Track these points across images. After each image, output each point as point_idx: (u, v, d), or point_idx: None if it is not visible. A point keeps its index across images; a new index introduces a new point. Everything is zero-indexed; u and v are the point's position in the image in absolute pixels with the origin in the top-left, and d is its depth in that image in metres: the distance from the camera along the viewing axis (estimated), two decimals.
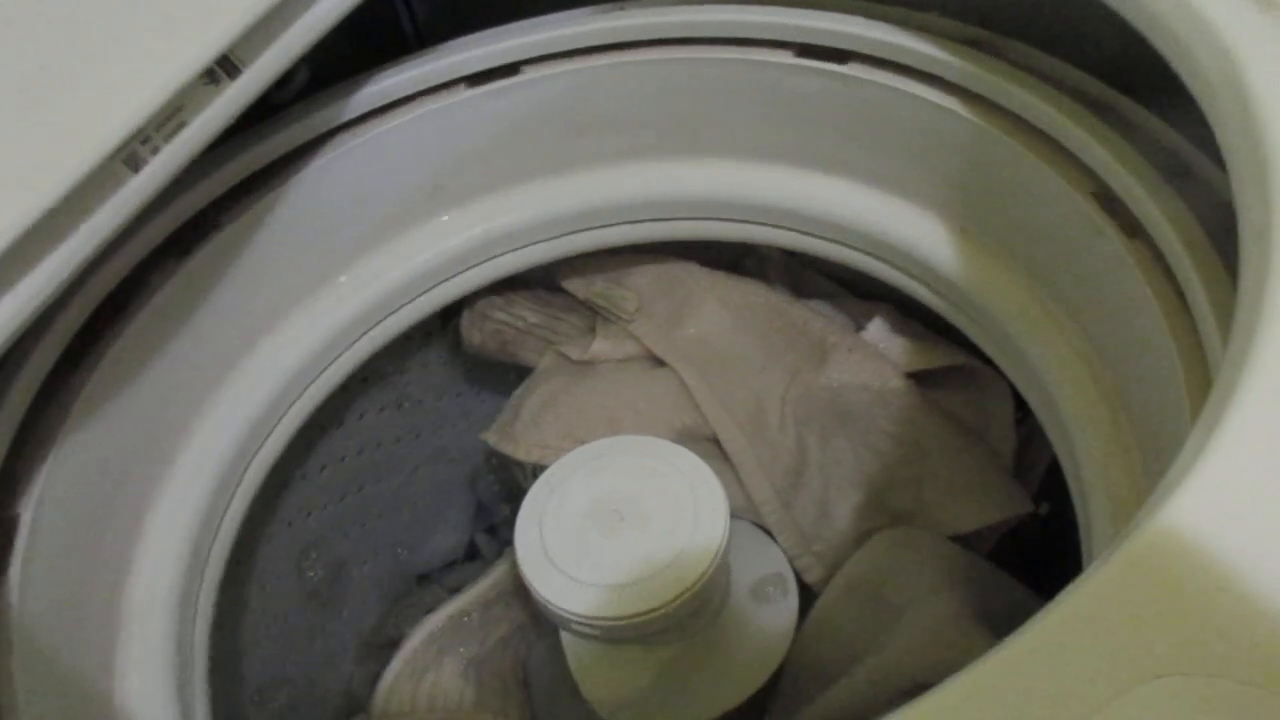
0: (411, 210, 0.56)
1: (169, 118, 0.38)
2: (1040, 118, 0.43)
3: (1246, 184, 0.30)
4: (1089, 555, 0.44)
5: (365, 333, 0.55)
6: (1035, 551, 0.59)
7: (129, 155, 0.36)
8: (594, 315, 0.66)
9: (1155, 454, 0.42)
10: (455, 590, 0.64)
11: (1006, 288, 0.49)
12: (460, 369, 0.73)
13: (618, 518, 0.49)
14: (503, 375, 0.73)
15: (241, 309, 0.50)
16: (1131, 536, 0.24)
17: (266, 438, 0.52)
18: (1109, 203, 0.41)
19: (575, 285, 0.66)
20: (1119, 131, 0.42)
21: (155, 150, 0.37)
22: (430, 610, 0.61)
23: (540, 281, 0.68)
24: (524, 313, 0.66)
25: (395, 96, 0.52)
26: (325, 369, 0.54)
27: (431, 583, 0.75)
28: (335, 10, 0.43)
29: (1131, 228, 0.40)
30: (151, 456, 0.48)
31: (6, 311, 0.32)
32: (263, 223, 0.50)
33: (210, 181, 0.47)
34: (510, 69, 0.53)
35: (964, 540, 0.55)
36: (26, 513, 0.40)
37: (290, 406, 0.53)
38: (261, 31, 0.40)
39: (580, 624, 0.47)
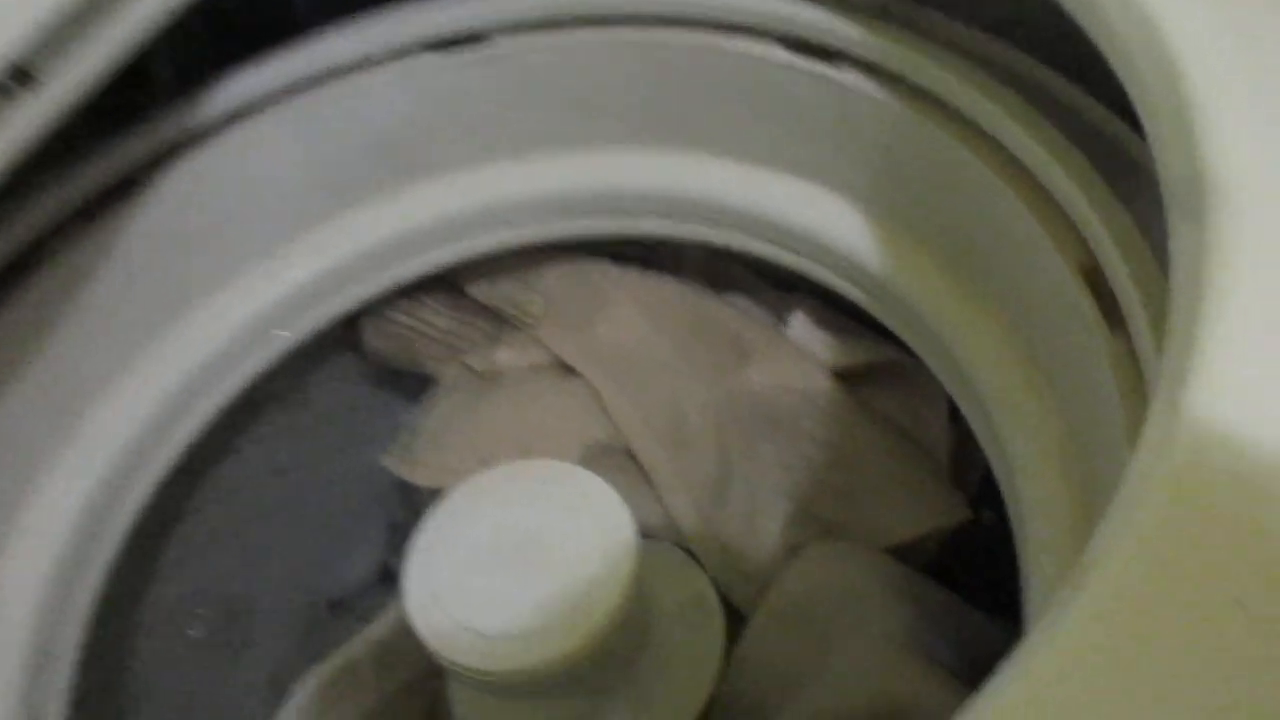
0: (287, 221, 0.51)
1: None
2: (960, 99, 0.39)
3: (1166, 142, 0.26)
4: (1026, 563, 0.40)
5: (235, 366, 0.50)
6: (978, 560, 0.55)
7: None
8: (500, 323, 0.61)
9: (1088, 450, 0.38)
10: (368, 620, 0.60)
11: (931, 280, 0.45)
12: (367, 380, 0.68)
13: (518, 556, 0.44)
14: (413, 385, 0.68)
15: (88, 345, 0.45)
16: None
17: (127, 490, 0.47)
18: (1035, 192, 0.37)
19: (479, 290, 0.61)
20: (1044, 109, 0.38)
21: None
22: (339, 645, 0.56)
23: (450, 281, 0.63)
24: (430, 317, 0.61)
25: (254, 96, 0.47)
26: (193, 404, 0.49)
27: (344, 611, 0.70)
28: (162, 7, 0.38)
29: (1057, 219, 0.36)
30: None
31: None
32: (104, 253, 0.44)
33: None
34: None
35: (901, 551, 0.51)
36: None
37: (153, 450, 0.48)
38: (64, 36, 0.35)
39: (470, 676, 0.42)
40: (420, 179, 0.52)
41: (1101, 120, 0.38)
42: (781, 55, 0.43)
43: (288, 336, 0.53)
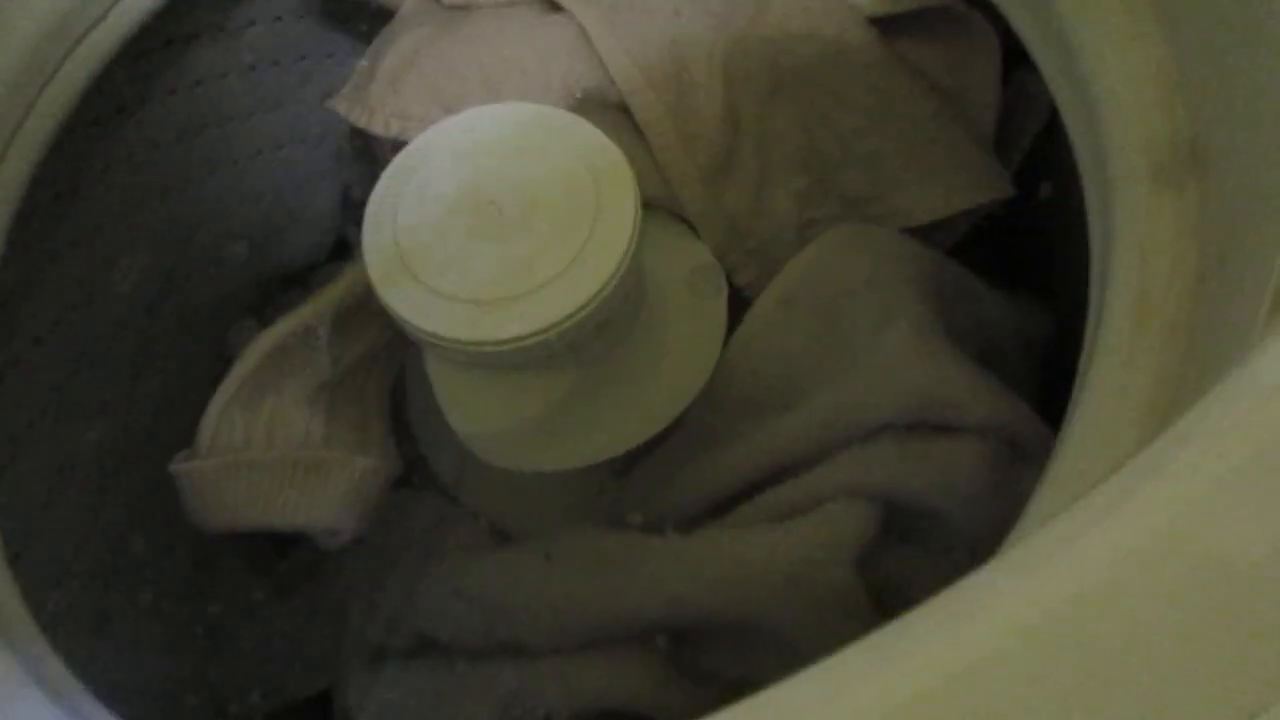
0: None
1: None
2: None
3: None
4: (1105, 232, 0.33)
5: None
6: (1006, 243, 0.49)
7: None
8: None
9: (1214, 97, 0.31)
10: None
11: None
12: (312, 20, 0.58)
13: (495, 212, 0.37)
14: (368, 24, 0.58)
15: None
16: None
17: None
18: None
19: None
20: None
21: None
22: None
23: None
24: None
25: None
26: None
27: (295, 285, 0.63)
28: None
29: None
30: None
31: None
32: None
33: None
34: None
35: (929, 228, 0.45)
36: None
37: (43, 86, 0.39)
38: None
39: (446, 347, 0.36)
40: None
41: None
42: None
43: None
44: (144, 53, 0.49)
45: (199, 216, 0.58)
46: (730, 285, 0.45)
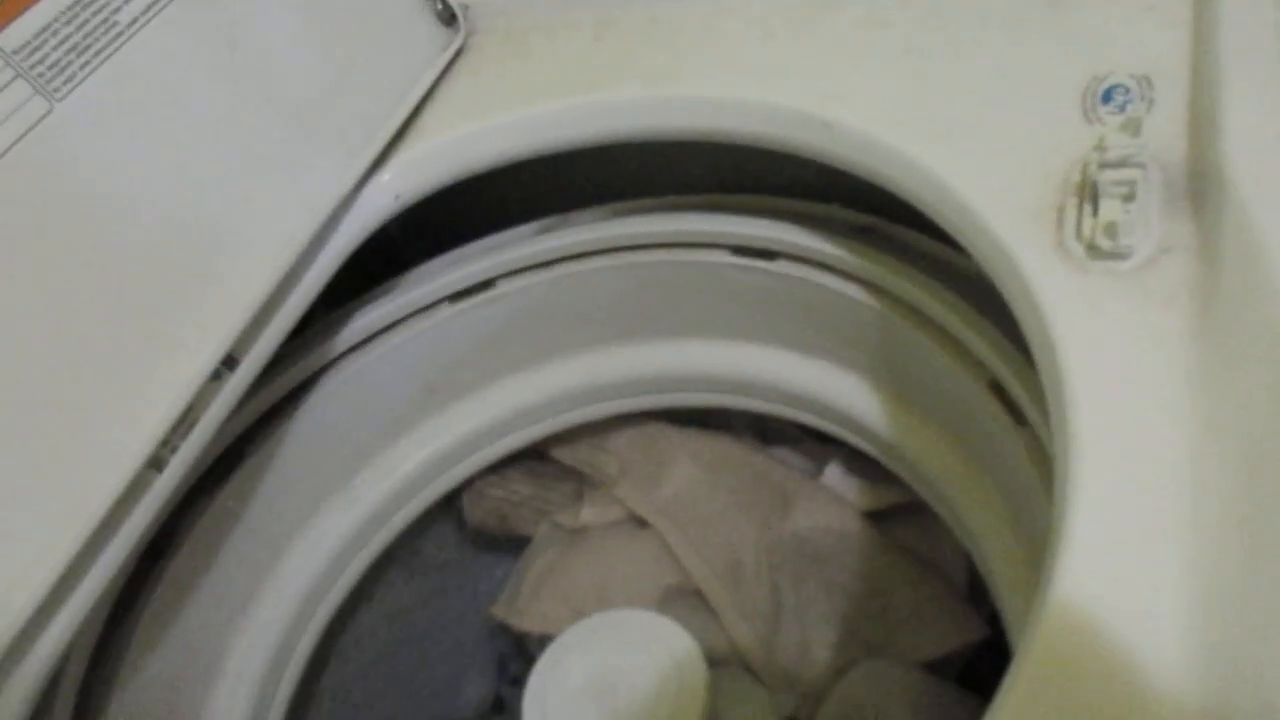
0: (412, 412, 0.63)
1: (183, 419, 0.45)
2: (925, 307, 0.50)
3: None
4: None
5: (381, 526, 0.62)
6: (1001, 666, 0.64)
7: (153, 459, 0.43)
8: (581, 481, 0.73)
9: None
10: None
11: (929, 444, 0.55)
12: (469, 546, 0.79)
13: (611, 692, 0.54)
14: (507, 543, 0.79)
15: (269, 523, 0.57)
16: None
17: (296, 645, 0.58)
18: (999, 391, 0.48)
19: (562, 453, 0.73)
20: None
21: (174, 449, 0.44)
22: None
23: (531, 453, 0.75)
24: (518, 486, 0.73)
25: (388, 321, 0.59)
26: (346, 568, 0.61)
27: None
28: (317, 285, 0.51)
29: (1018, 415, 0.47)
30: (195, 678, 0.55)
31: (60, 624, 0.39)
32: (282, 447, 0.57)
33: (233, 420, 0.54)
34: (486, 284, 0.60)
35: (934, 664, 0.60)
36: None
37: (316, 609, 0.60)
38: (255, 325, 0.47)
39: None
40: (523, 369, 0.64)
41: None
42: (801, 272, 0.54)
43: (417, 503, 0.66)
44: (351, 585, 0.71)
45: (391, 686, 0.76)
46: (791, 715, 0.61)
